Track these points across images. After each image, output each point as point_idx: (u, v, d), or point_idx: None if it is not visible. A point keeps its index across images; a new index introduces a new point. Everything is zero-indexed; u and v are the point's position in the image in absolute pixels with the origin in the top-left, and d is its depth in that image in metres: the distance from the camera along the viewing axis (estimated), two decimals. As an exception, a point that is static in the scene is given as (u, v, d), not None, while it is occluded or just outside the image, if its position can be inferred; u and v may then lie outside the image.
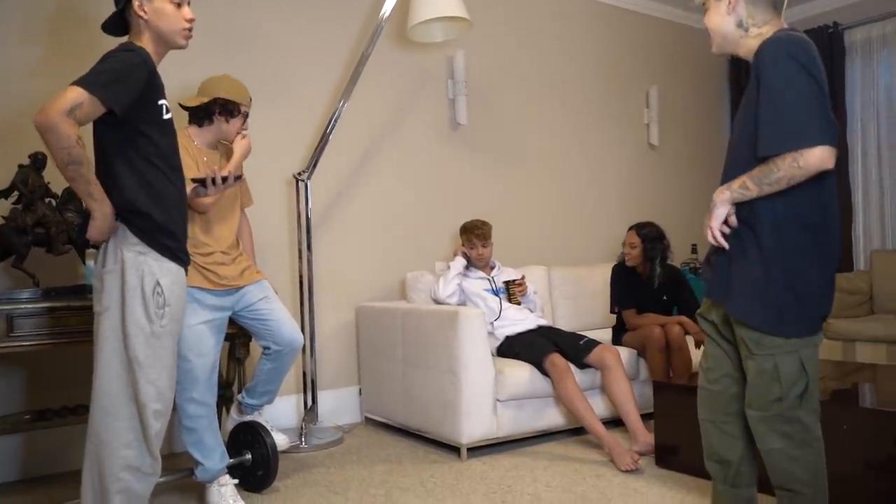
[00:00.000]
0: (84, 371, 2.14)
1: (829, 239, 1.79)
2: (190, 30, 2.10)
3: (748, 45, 1.86)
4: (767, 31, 1.83)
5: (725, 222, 1.83)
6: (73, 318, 2.57)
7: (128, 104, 1.89)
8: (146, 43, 2.03)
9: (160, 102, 2.00)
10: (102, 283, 1.97)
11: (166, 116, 2.04)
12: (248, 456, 2.80)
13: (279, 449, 2.83)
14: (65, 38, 3.16)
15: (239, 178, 2.42)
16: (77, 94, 1.80)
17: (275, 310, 2.78)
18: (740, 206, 1.81)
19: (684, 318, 3.66)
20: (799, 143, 1.66)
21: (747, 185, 1.76)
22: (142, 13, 2.02)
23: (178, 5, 2.07)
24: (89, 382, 1.98)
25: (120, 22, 2.09)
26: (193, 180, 2.36)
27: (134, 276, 1.94)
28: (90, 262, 2.74)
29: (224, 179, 2.38)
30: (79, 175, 1.85)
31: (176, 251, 2.03)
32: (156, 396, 1.97)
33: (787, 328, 1.77)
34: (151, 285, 1.95)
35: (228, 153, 2.80)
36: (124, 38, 2.09)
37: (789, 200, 1.74)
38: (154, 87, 1.98)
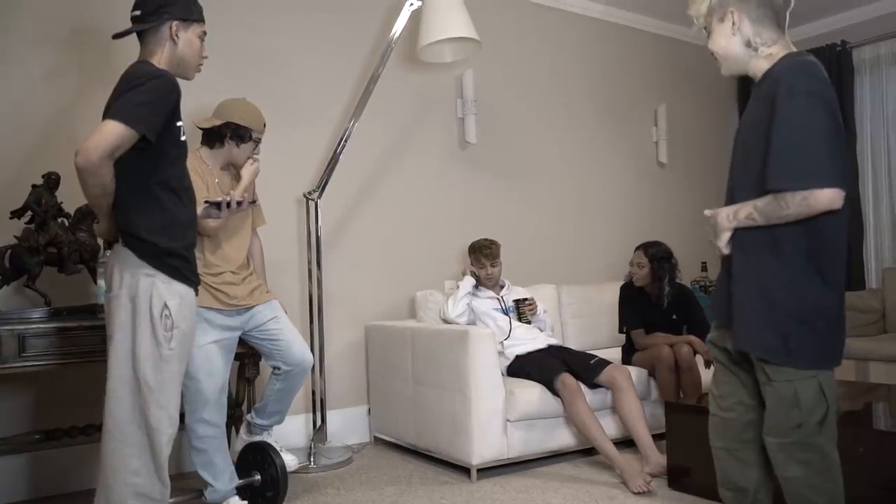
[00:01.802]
0: (95, 390, 2.14)
1: (834, 264, 1.76)
2: (201, 66, 2.18)
3: (758, 66, 1.85)
4: (777, 51, 1.82)
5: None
6: (85, 337, 2.57)
7: (160, 132, 1.91)
8: (160, 63, 2.04)
9: (178, 124, 2.01)
10: (110, 307, 1.97)
11: (183, 138, 2.05)
12: (258, 477, 2.79)
13: (289, 470, 2.81)
14: (74, 54, 3.19)
15: (253, 202, 2.43)
16: (118, 132, 1.82)
17: (284, 329, 2.77)
18: (746, 231, 1.80)
19: (693, 338, 3.63)
20: (811, 184, 1.66)
21: (754, 218, 1.76)
22: (175, 37, 2.05)
23: (202, 42, 2.13)
24: (100, 402, 1.97)
25: (135, 35, 2.09)
26: (208, 203, 2.36)
27: (141, 299, 1.93)
28: (101, 282, 2.75)
29: (239, 204, 2.38)
30: (103, 203, 1.94)
31: (186, 272, 2.03)
32: (167, 421, 1.96)
33: (795, 358, 1.74)
34: (159, 308, 1.93)
35: (239, 175, 2.81)
36: (125, 38, 2.11)
37: (796, 226, 1.72)
38: (176, 111, 2.00)
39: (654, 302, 3.81)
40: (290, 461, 2.91)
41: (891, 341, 4.34)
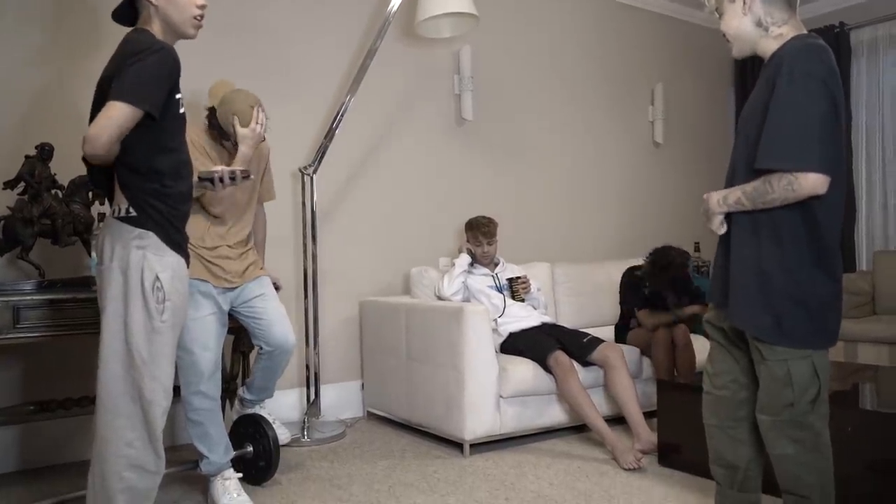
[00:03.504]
0: (88, 362, 2.14)
1: (830, 249, 1.77)
2: (201, 17, 2.03)
3: (767, 46, 1.84)
4: (787, 31, 1.81)
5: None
6: (79, 309, 2.56)
7: (162, 106, 1.89)
8: (156, 31, 1.98)
9: (177, 97, 1.97)
10: (101, 280, 1.95)
11: (181, 111, 2.01)
12: (250, 448, 2.81)
13: (281, 443, 2.84)
14: (65, 24, 3.15)
15: (248, 176, 2.33)
16: (123, 115, 1.80)
17: (269, 309, 2.76)
18: (746, 214, 1.81)
19: (691, 308, 3.71)
20: (796, 166, 1.67)
21: (742, 202, 1.79)
22: (152, 0, 1.97)
23: None
24: (93, 374, 1.97)
25: (129, 10, 2.04)
26: (200, 177, 2.30)
27: (132, 272, 1.91)
28: (95, 254, 2.74)
29: (233, 178, 2.30)
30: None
31: (181, 242, 2.01)
32: (163, 393, 1.95)
33: (788, 338, 1.76)
34: (151, 280, 1.91)
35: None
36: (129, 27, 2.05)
37: (792, 211, 1.74)
38: (176, 84, 1.95)
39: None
40: (283, 434, 2.94)
41: (880, 323, 4.39)
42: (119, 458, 1.92)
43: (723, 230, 1.89)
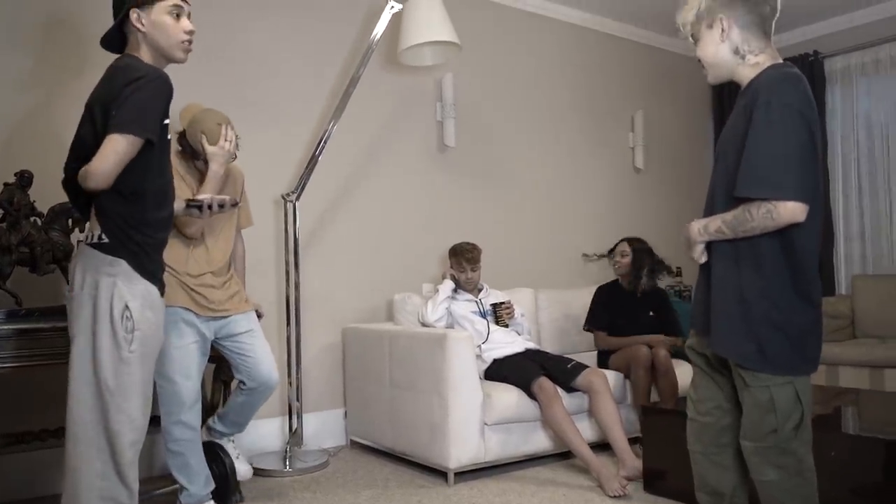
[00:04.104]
0: (64, 393, 2.10)
1: (809, 276, 1.78)
2: (189, 42, 2.03)
3: (743, 73, 1.86)
4: (763, 60, 1.84)
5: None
6: (57, 338, 2.52)
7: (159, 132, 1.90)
8: (144, 57, 1.98)
9: (166, 122, 1.96)
10: (71, 308, 1.92)
11: (169, 136, 2.01)
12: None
13: (240, 478, 2.82)
14: (47, 50, 3.14)
15: (236, 204, 2.37)
16: (128, 147, 1.82)
17: (256, 346, 2.75)
18: (728, 243, 1.82)
19: (657, 338, 3.69)
20: (775, 195, 1.69)
21: (723, 231, 1.80)
22: (139, 25, 1.97)
23: (177, 17, 2.00)
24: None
25: (118, 36, 2.04)
26: (188, 203, 2.30)
27: (102, 300, 1.88)
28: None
29: (221, 206, 2.31)
30: None
31: (152, 269, 1.98)
32: (129, 426, 1.91)
33: (771, 365, 1.76)
34: (120, 309, 1.88)
35: (229, 175, 2.78)
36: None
37: (773, 239, 1.75)
38: (168, 109, 1.95)
39: (629, 294, 3.87)
40: (244, 470, 2.90)
41: (859, 346, 4.43)
42: (90, 489, 1.88)
43: (704, 259, 1.90)
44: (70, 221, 2.84)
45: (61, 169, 2.08)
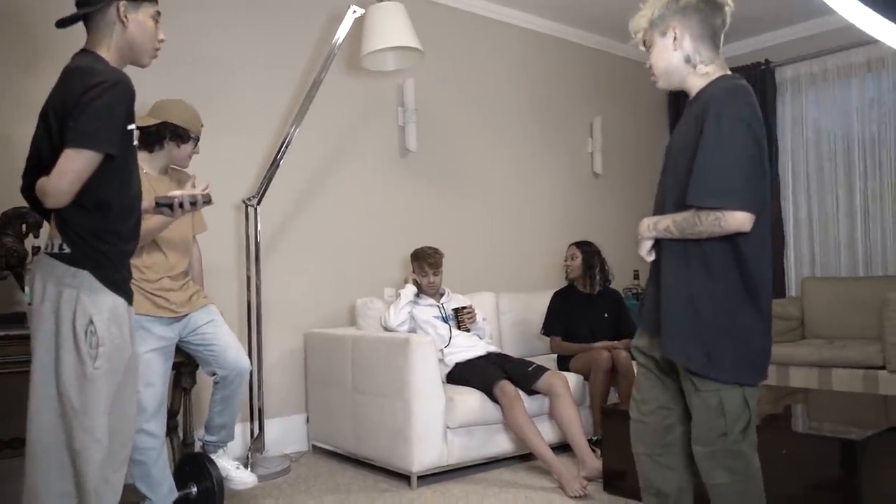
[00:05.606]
0: (23, 402, 2.05)
1: (758, 283, 1.80)
2: (158, 50, 1.99)
3: (693, 82, 1.91)
4: (713, 70, 1.89)
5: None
6: (12, 347, 2.46)
7: (119, 141, 1.80)
8: (110, 51, 1.88)
9: (130, 128, 1.86)
10: (32, 321, 1.83)
11: (135, 143, 1.93)
12: (194, 489, 2.73)
13: (244, 487, 2.79)
14: (4, 45, 3.07)
15: (209, 201, 2.28)
16: (86, 163, 1.73)
17: (220, 334, 2.73)
18: (678, 242, 1.85)
19: (610, 344, 3.77)
20: (723, 204, 1.74)
21: (671, 230, 1.84)
22: (123, 19, 1.87)
23: (156, 23, 1.95)
24: (24, 414, 1.84)
25: (81, 23, 1.92)
26: (158, 202, 2.23)
27: (64, 314, 1.78)
28: (28, 289, 2.64)
29: (193, 203, 2.23)
30: None
31: (118, 281, 1.89)
32: (94, 445, 1.81)
33: (719, 371, 1.79)
34: (84, 323, 1.79)
35: (180, 182, 2.74)
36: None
37: (724, 243, 1.79)
38: (131, 116, 1.86)
39: (585, 297, 3.97)
40: (247, 479, 2.83)
41: (809, 347, 4.57)
42: None
43: (651, 258, 1.94)
44: (24, 227, 2.78)
45: (9, 172, 1.99)
